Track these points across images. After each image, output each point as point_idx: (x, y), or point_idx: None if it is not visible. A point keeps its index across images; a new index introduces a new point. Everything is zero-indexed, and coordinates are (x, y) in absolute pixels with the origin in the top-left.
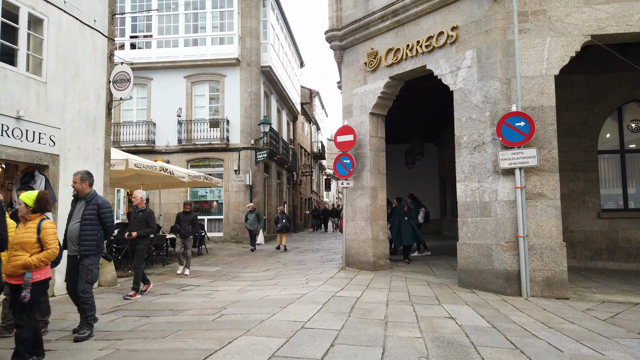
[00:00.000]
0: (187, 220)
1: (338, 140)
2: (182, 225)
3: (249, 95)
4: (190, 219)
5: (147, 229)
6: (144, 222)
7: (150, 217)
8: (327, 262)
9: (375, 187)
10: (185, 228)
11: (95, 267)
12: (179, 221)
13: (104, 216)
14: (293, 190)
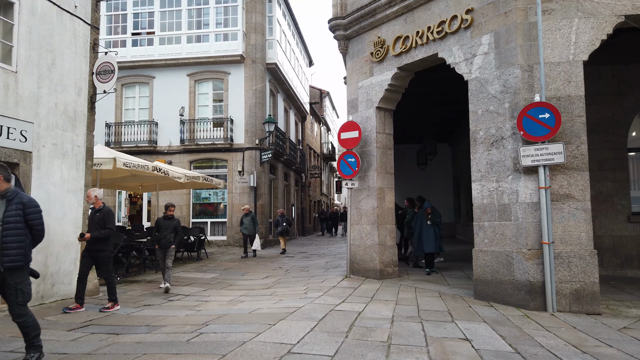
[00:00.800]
0: (169, 228)
1: (342, 138)
2: (163, 234)
3: (254, 93)
4: (173, 226)
5: (104, 231)
6: (102, 222)
7: (108, 217)
8: (332, 268)
9: (382, 188)
10: (166, 237)
11: (25, 285)
12: (158, 228)
13: (32, 217)
14: (302, 193)
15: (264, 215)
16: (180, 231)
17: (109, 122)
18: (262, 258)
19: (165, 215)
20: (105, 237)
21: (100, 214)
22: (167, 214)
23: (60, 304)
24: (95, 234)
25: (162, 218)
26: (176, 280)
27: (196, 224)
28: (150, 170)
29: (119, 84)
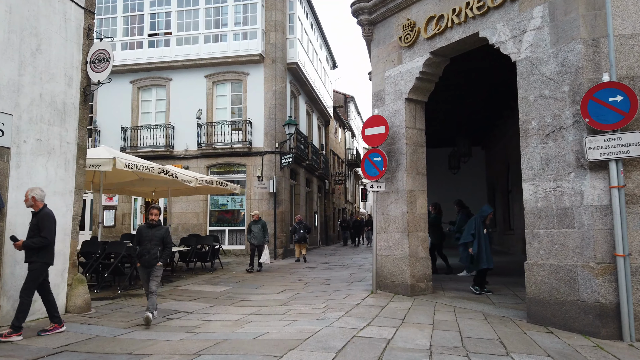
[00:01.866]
0: (154, 239)
1: (367, 134)
2: (146, 247)
3: (274, 94)
4: (159, 237)
5: (36, 239)
6: (36, 229)
7: (44, 223)
8: (356, 282)
9: (413, 191)
10: (150, 251)
11: None
12: (140, 240)
13: None
14: (325, 200)
15: (284, 223)
16: (170, 243)
17: (124, 126)
18: (282, 269)
19: (149, 222)
20: (38, 247)
21: (35, 218)
22: (151, 220)
23: (41, 323)
24: (27, 243)
25: (144, 226)
26: (182, 294)
27: (213, 232)
28: (156, 173)
29: (136, 87)
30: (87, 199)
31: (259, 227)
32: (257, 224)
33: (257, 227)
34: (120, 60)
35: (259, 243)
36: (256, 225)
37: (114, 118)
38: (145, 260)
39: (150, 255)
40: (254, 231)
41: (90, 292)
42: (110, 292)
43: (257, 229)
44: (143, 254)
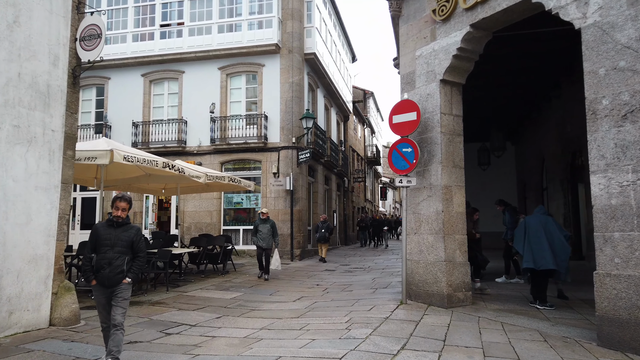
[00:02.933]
0: (120, 243)
1: (394, 122)
2: (106, 256)
3: (290, 86)
4: (127, 240)
5: None
6: None
7: None
8: (381, 288)
9: (449, 186)
10: (113, 262)
11: None
12: (96, 244)
13: None
14: (344, 198)
15: (302, 223)
16: (143, 250)
17: (136, 121)
18: (299, 271)
19: (112, 218)
20: None
21: None
22: (115, 215)
23: (21, 337)
24: None
25: (103, 224)
26: (187, 301)
27: (227, 231)
28: (160, 167)
29: (147, 81)
30: (97, 197)
31: (268, 227)
32: (266, 224)
33: (265, 228)
34: (132, 53)
35: (267, 246)
36: (264, 225)
37: (125, 113)
38: (104, 276)
39: (112, 268)
40: (262, 232)
41: (87, 299)
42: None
43: (265, 230)
44: (101, 267)
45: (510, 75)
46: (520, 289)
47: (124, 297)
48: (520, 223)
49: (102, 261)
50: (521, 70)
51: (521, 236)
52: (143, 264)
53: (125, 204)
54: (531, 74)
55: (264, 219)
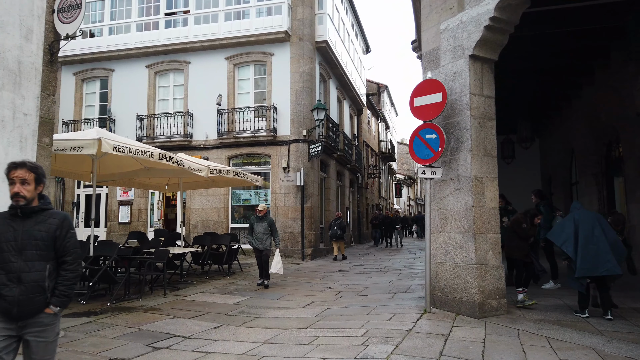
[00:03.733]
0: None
1: (416, 104)
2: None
3: (301, 76)
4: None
5: None
6: None
7: None
8: (400, 293)
9: (480, 178)
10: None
11: None
12: None
13: None
14: (357, 195)
15: (313, 220)
16: (75, 253)
17: (140, 114)
18: (310, 272)
19: (15, 204)
20: None
21: None
22: (15, 194)
23: None
24: None
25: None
26: (185, 306)
27: (235, 229)
28: (156, 159)
29: (152, 72)
30: (102, 193)
31: (265, 226)
32: (263, 222)
33: (261, 227)
34: (136, 43)
35: (264, 247)
36: (261, 223)
37: (130, 106)
38: (11, 302)
39: (25, 287)
40: (258, 231)
41: (75, 305)
42: (99, 304)
43: (261, 229)
44: (3, 285)
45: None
46: (559, 294)
47: (47, 339)
48: (563, 221)
49: (4, 276)
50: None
51: (570, 236)
52: (76, 277)
53: (25, 173)
54: (563, 57)
55: (260, 216)
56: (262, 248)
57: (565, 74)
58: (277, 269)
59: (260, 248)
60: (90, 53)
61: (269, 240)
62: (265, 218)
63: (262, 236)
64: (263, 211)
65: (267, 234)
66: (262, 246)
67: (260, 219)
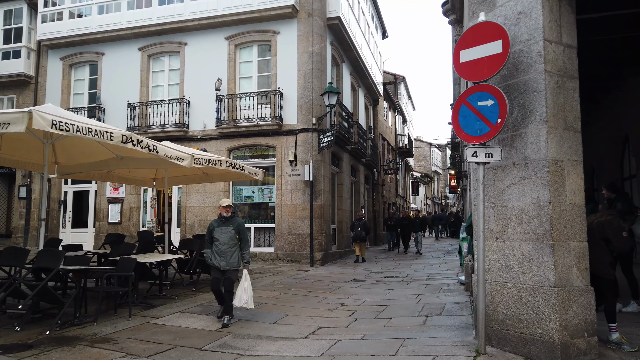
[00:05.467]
0: None
1: (463, 60)
2: None
3: (310, 56)
4: None
5: None
6: None
7: None
8: (434, 315)
9: (559, 162)
10: None
11: None
12: None
13: None
14: (373, 192)
15: (324, 220)
16: None
17: (132, 102)
18: (320, 282)
19: None
20: None
21: None
22: None
23: None
24: None
25: None
26: (151, 335)
27: None
28: (117, 142)
29: (145, 56)
30: (90, 190)
31: (232, 232)
32: (228, 227)
33: (226, 234)
34: (127, 23)
35: (228, 266)
36: (225, 229)
37: (121, 93)
38: None
39: None
40: (221, 241)
41: (7, 333)
42: (37, 332)
43: (226, 237)
44: None
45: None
46: None
47: None
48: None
49: None
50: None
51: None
52: None
53: None
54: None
55: (224, 217)
56: (226, 267)
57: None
58: (244, 301)
59: (223, 267)
60: (78, 35)
61: (236, 255)
62: (231, 221)
63: (227, 249)
64: (229, 210)
65: (234, 246)
66: (225, 264)
67: (225, 223)
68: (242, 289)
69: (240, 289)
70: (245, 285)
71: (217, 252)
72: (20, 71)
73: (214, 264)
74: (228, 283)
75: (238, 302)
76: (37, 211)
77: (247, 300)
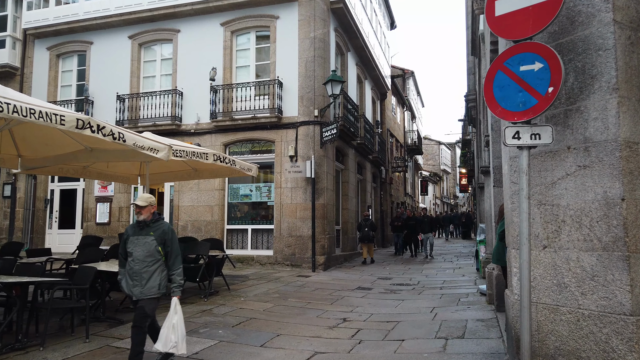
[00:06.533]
0: None
1: (500, 12)
2: None
3: (312, 42)
4: None
5: None
6: None
7: None
8: (455, 337)
9: (635, 144)
10: None
11: None
12: None
13: None
14: (381, 191)
15: (327, 221)
16: None
17: (121, 94)
18: (321, 289)
19: None
20: None
21: None
22: None
23: None
24: None
25: None
26: None
27: (232, 231)
28: (68, 127)
29: (136, 44)
30: (77, 189)
31: (152, 244)
32: (145, 237)
33: (142, 247)
34: (116, 9)
35: (142, 293)
36: (141, 238)
37: (110, 85)
38: None
39: None
40: (135, 258)
41: None
42: None
43: (142, 251)
44: None
45: None
46: None
47: None
48: None
49: None
50: None
51: None
52: None
53: None
54: None
55: (142, 222)
56: (139, 295)
57: None
58: (172, 344)
59: (135, 295)
60: (65, 22)
61: (157, 276)
62: (153, 227)
63: (143, 268)
64: (148, 210)
65: (155, 264)
66: (138, 291)
67: (142, 230)
68: (169, 327)
69: (167, 327)
70: (175, 320)
71: (129, 272)
72: (5, 62)
73: (126, 290)
74: (139, 315)
75: (163, 346)
76: (22, 211)
77: (176, 344)
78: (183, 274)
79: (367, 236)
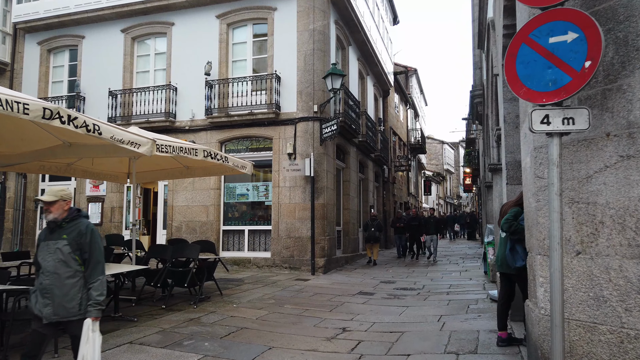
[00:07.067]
0: None
1: None
2: None
3: (311, 35)
4: None
5: None
6: None
7: None
8: (467, 353)
9: None
10: None
11: None
12: None
13: None
14: (383, 191)
15: (327, 221)
16: None
17: (114, 90)
18: (320, 295)
19: None
20: None
21: None
22: None
23: None
24: None
25: None
26: None
27: (228, 232)
28: (33, 117)
29: (129, 38)
30: (69, 188)
31: (62, 251)
32: (56, 241)
33: (53, 255)
34: (107, 1)
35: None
36: (51, 243)
37: (102, 80)
38: None
39: None
40: (44, 270)
41: None
42: None
43: (53, 259)
44: None
45: None
46: None
47: None
48: None
49: None
50: None
51: None
52: None
53: None
54: None
55: (50, 222)
56: (53, 317)
57: None
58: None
59: (44, 314)
60: (56, 16)
61: (76, 292)
62: (67, 228)
63: (54, 282)
64: (57, 207)
65: (72, 277)
66: (50, 311)
67: (53, 231)
68: (84, 354)
69: (85, 350)
70: (86, 351)
71: (39, 288)
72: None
73: (34, 310)
74: (75, 344)
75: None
76: (12, 211)
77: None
78: (106, 288)
79: (373, 236)
